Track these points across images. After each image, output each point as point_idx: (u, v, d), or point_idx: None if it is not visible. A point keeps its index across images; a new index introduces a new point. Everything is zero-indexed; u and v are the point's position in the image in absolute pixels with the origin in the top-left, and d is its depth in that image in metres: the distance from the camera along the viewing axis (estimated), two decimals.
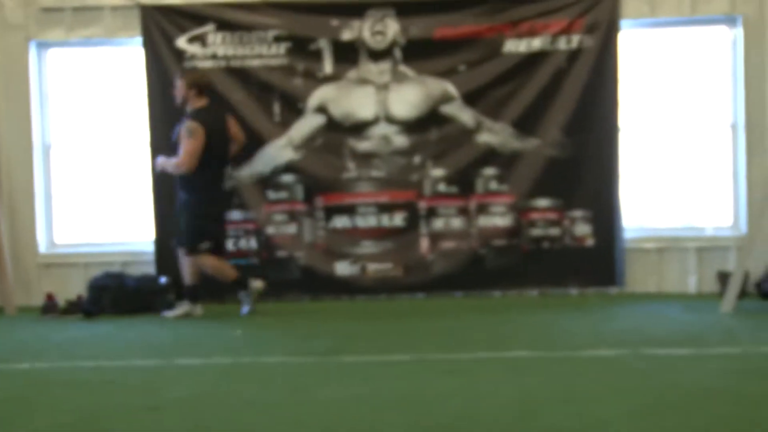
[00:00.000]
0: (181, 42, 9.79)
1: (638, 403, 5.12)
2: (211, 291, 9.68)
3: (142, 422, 4.97)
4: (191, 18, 9.79)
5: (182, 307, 9.05)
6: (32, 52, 10.09)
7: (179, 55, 9.77)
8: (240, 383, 5.96)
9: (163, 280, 9.56)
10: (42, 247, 10.21)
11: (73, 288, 9.78)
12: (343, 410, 5.12)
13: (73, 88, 10.27)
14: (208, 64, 9.76)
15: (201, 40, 9.79)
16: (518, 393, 5.44)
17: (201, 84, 9.01)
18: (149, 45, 9.83)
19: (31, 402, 5.57)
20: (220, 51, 9.79)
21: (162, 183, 9.77)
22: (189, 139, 8.68)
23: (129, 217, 10.31)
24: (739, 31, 9.79)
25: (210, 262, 8.97)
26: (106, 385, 6.01)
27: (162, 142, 9.68)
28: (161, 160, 9.01)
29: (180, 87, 8.97)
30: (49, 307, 9.43)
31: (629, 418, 4.76)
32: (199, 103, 8.91)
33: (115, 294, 9.40)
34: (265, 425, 4.87)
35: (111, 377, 6.27)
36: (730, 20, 9.82)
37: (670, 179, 10.05)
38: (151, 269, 9.86)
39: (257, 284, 8.95)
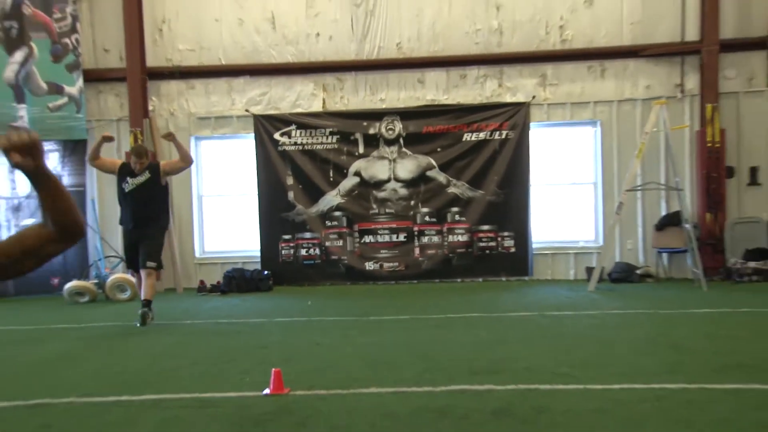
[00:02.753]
0: (277, 135, 9.84)
1: (543, 342, 5.15)
2: (292, 277, 9.78)
3: (255, 355, 5.02)
4: (283, 122, 9.84)
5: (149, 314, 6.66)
6: (192, 143, 10.18)
7: (275, 143, 9.82)
8: (311, 332, 6.00)
9: (266, 273, 9.56)
10: (197, 252, 10.24)
11: (215, 277, 9.85)
12: (373, 349, 5.16)
13: (215, 163, 10.32)
14: (292, 148, 9.81)
15: (288, 134, 9.83)
16: (473, 338, 5.48)
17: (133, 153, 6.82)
18: (258, 138, 9.89)
19: (191, 344, 5.65)
20: (299, 140, 9.82)
21: (265, 211, 9.82)
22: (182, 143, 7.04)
23: (246, 234, 10.27)
24: (598, 130, 9.80)
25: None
26: (235, 334, 6.07)
27: (266, 202, 9.81)
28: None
29: (144, 160, 6.74)
30: (201, 288, 9.48)
31: (539, 352, 4.79)
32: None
33: (238, 281, 9.43)
34: (327, 356, 4.92)
35: (237, 329, 6.32)
36: (593, 123, 9.84)
37: (560, 213, 10.02)
38: (257, 265, 9.85)
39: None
